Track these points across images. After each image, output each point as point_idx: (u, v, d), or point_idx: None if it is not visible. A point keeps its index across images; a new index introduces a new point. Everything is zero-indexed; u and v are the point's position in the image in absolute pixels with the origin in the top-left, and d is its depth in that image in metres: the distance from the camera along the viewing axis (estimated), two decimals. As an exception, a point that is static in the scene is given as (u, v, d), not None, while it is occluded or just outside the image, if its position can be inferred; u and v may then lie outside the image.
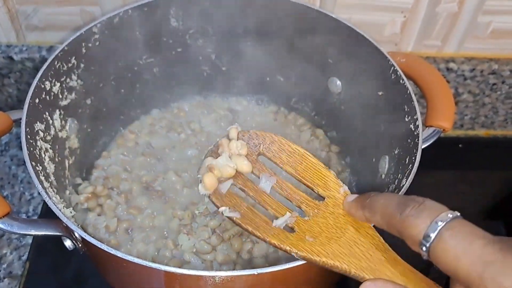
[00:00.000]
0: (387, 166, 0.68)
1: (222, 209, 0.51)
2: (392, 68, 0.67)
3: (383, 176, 0.68)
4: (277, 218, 0.50)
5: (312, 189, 0.52)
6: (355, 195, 0.48)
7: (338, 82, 0.78)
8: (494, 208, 0.88)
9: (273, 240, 0.48)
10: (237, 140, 0.55)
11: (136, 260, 0.48)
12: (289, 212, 0.50)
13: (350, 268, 0.43)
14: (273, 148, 0.54)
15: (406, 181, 0.57)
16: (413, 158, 0.59)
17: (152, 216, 0.73)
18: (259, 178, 0.54)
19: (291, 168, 0.53)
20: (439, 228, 0.37)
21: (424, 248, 0.37)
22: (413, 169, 0.58)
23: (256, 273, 0.48)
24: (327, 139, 0.85)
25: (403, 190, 0.56)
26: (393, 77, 0.67)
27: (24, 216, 0.82)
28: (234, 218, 0.51)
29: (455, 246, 0.35)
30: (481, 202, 0.89)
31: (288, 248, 0.47)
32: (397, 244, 0.43)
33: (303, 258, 0.46)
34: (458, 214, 0.38)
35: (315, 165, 0.53)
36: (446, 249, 0.36)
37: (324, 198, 0.51)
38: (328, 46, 0.76)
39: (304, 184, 0.52)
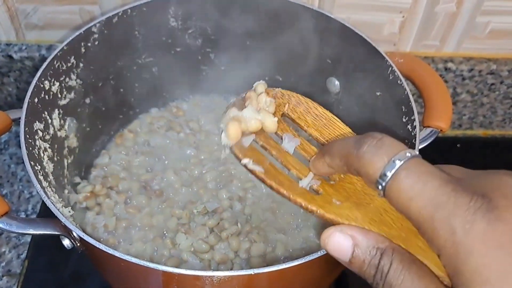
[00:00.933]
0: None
1: (245, 161, 0.46)
2: (390, 68, 0.67)
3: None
4: (301, 179, 0.46)
5: None
6: None
7: (336, 82, 0.78)
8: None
9: (298, 199, 0.43)
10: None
11: (133, 259, 0.48)
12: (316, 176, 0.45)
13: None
14: (299, 109, 0.50)
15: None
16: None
17: (151, 215, 0.73)
18: (281, 139, 0.49)
19: (316, 132, 0.49)
20: (396, 167, 0.35)
21: (380, 187, 0.36)
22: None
23: (253, 273, 0.48)
24: (325, 138, 0.85)
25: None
26: (391, 78, 0.67)
27: (23, 214, 0.83)
28: (257, 172, 0.46)
29: (410, 186, 0.34)
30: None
31: (314, 208, 0.42)
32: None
33: (331, 221, 0.41)
34: (417, 153, 0.36)
35: (343, 129, 0.49)
36: (401, 189, 0.34)
37: None
38: (326, 46, 0.76)
39: None
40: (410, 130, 0.62)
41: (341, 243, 0.39)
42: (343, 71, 0.76)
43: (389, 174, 0.35)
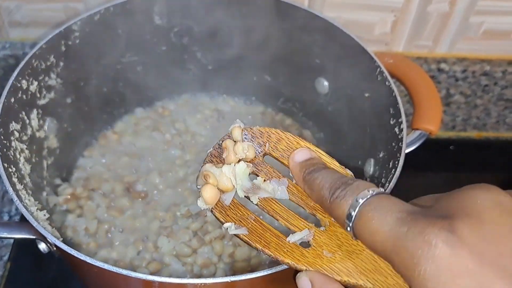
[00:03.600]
0: (372, 169, 0.66)
1: (227, 225, 0.44)
2: (378, 69, 0.65)
3: (368, 179, 0.67)
4: (291, 231, 0.43)
5: None
6: (304, 152, 0.44)
7: (325, 83, 0.77)
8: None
9: (286, 260, 0.41)
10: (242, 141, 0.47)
11: (105, 266, 0.47)
12: (308, 227, 0.43)
13: (375, 286, 0.38)
14: (281, 146, 0.46)
15: (389, 185, 0.55)
16: (396, 162, 0.57)
17: (133, 217, 0.72)
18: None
19: None
20: (359, 205, 0.36)
21: (349, 228, 0.37)
22: (396, 173, 0.56)
23: (229, 280, 0.47)
24: (315, 140, 0.84)
25: (387, 191, 0.54)
26: (379, 79, 0.65)
27: (6, 216, 0.81)
28: (241, 236, 0.43)
29: (371, 222, 0.34)
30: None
31: (304, 267, 0.40)
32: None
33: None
34: (382, 190, 0.37)
35: (329, 164, 0.44)
36: (364, 225, 0.35)
37: None
38: (315, 46, 0.74)
39: None
40: (397, 133, 0.61)
41: (303, 282, 0.40)
42: (332, 72, 0.75)
43: (353, 213, 0.36)
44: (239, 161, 0.45)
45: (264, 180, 0.45)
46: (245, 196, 0.45)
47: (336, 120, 0.77)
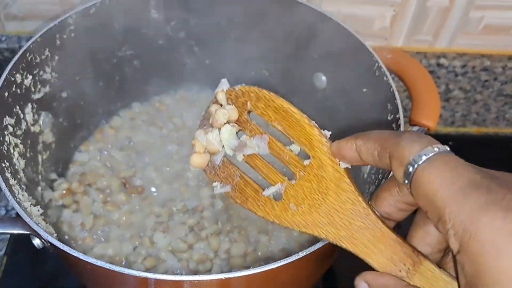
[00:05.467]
0: (369, 166, 0.66)
1: (214, 184, 0.51)
2: (377, 64, 0.65)
3: (365, 175, 0.66)
4: (268, 185, 0.48)
5: (301, 148, 0.48)
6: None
7: (323, 78, 0.76)
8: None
9: (259, 213, 0.48)
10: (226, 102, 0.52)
11: (98, 262, 0.46)
12: (281, 181, 0.48)
13: (328, 237, 0.44)
14: (260, 104, 0.50)
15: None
16: (393, 158, 0.57)
17: (130, 213, 0.71)
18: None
19: (279, 125, 0.48)
20: (432, 153, 0.35)
21: (410, 168, 0.36)
22: (393, 170, 0.55)
23: (224, 277, 0.46)
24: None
25: (382, 192, 0.54)
26: (377, 74, 0.65)
27: (3, 210, 0.81)
28: (225, 193, 0.51)
29: (442, 173, 0.34)
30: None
31: (271, 220, 0.47)
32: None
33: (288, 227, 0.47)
34: (447, 148, 0.36)
35: (299, 121, 0.47)
36: (432, 174, 0.34)
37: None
38: (313, 40, 0.73)
39: (294, 142, 0.48)
40: (395, 129, 0.60)
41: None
42: (330, 67, 0.74)
43: (424, 158, 0.35)
44: (225, 123, 0.50)
45: (250, 137, 0.49)
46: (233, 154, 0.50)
47: (334, 115, 0.76)
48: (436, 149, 0.35)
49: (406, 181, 0.36)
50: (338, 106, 0.75)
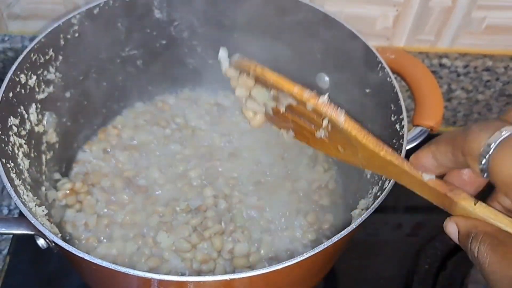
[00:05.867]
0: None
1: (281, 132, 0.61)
2: (380, 65, 0.65)
3: (368, 176, 0.67)
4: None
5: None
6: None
7: (326, 78, 0.76)
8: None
9: (322, 150, 0.56)
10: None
11: (104, 263, 0.46)
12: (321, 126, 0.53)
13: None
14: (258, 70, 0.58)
15: (389, 183, 0.55)
16: (397, 160, 0.57)
17: (133, 212, 0.71)
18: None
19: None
20: (503, 136, 0.35)
21: (483, 161, 0.36)
22: (397, 171, 0.56)
23: (228, 278, 0.47)
24: (314, 136, 0.83)
25: (385, 193, 0.54)
26: (380, 74, 0.65)
27: (6, 210, 0.81)
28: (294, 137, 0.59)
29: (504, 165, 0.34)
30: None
31: (333, 155, 0.55)
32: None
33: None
34: None
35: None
36: (503, 165, 0.34)
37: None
38: (316, 41, 0.74)
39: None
40: (398, 129, 0.60)
41: (450, 228, 0.42)
42: (333, 67, 0.74)
43: (493, 146, 0.35)
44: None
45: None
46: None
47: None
48: (504, 133, 0.35)
49: (485, 175, 0.37)
50: (340, 106, 0.74)
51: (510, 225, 0.38)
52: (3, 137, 0.57)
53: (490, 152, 0.35)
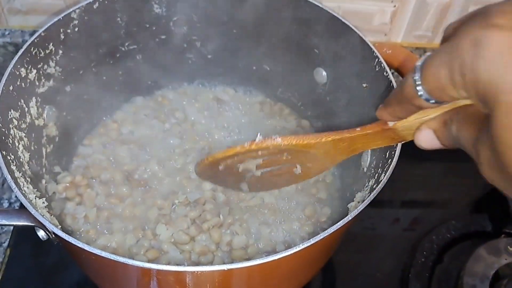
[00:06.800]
0: (369, 159, 0.67)
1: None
2: (377, 59, 0.65)
3: (365, 169, 0.67)
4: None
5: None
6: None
7: (324, 73, 0.77)
8: (482, 199, 0.88)
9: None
10: None
11: (103, 254, 0.47)
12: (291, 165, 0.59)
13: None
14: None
15: (385, 176, 0.56)
16: (393, 152, 0.58)
17: (133, 205, 0.72)
18: None
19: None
20: (426, 55, 0.35)
21: (416, 76, 0.35)
22: (392, 164, 0.56)
23: (226, 268, 0.47)
24: (313, 129, 0.84)
25: (381, 185, 0.55)
26: (377, 69, 0.65)
27: (6, 203, 0.82)
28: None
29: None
30: (471, 194, 0.88)
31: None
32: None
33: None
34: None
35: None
36: (434, 60, 0.34)
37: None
38: (314, 36, 0.74)
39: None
40: (395, 123, 0.61)
41: (423, 135, 0.42)
42: (330, 62, 0.75)
43: (420, 62, 0.35)
44: None
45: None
46: None
47: (334, 110, 0.77)
48: (427, 53, 0.36)
49: (421, 90, 0.36)
50: (338, 100, 0.76)
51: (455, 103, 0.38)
52: (4, 129, 0.58)
53: (420, 65, 0.35)
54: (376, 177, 0.61)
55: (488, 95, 0.30)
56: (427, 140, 0.42)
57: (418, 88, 0.36)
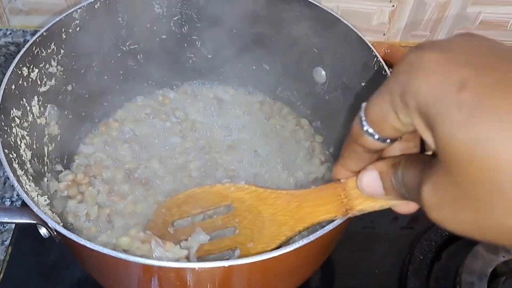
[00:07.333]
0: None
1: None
2: (375, 59, 0.66)
3: (364, 167, 0.67)
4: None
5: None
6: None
7: (323, 72, 0.77)
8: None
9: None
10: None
11: (105, 250, 0.47)
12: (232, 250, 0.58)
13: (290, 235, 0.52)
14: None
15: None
16: (391, 151, 0.58)
17: (134, 203, 0.73)
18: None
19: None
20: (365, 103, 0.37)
21: (362, 118, 0.37)
22: (391, 162, 0.57)
23: (227, 265, 0.48)
24: (312, 129, 0.85)
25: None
26: (375, 68, 0.66)
27: (8, 201, 0.82)
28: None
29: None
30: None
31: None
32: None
33: None
34: None
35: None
36: (374, 103, 0.36)
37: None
38: (313, 35, 0.75)
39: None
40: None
41: (369, 176, 0.41)
42: (329, 61, 0.75)
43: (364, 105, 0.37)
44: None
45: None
46: None
47: (333, 109, 0.78)
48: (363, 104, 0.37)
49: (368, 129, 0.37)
50: (337, 99, 0.76)
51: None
52: (6, 128, 0.58)
53: (364, 108, 0.36)
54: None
55: (429, 107, 0.30)
56: (370, 183, 0.40)
57: (363, 123, 0.37)
